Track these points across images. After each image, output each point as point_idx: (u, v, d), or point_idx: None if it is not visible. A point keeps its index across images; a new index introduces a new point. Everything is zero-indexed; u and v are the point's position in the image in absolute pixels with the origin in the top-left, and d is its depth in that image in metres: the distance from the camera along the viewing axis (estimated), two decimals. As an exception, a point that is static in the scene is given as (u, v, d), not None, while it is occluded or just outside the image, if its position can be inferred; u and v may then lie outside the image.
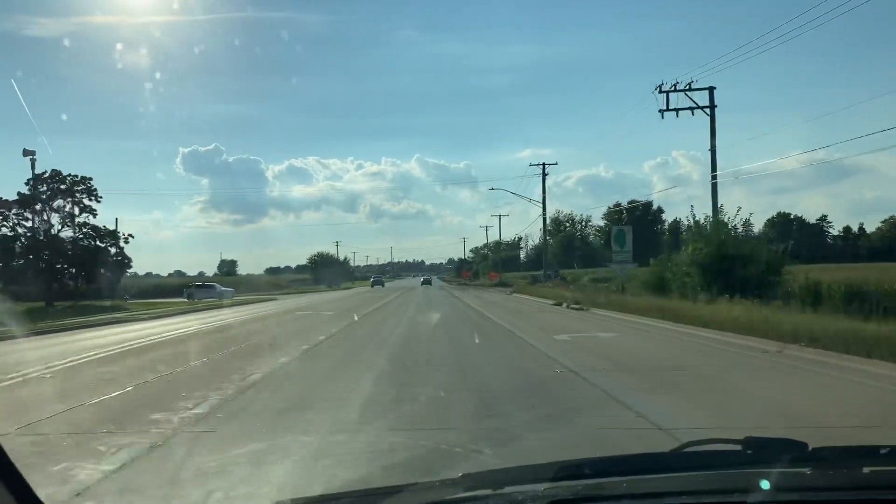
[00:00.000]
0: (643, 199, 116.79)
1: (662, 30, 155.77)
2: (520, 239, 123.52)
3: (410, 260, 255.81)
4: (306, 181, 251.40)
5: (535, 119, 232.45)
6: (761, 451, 1.79)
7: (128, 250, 48.66)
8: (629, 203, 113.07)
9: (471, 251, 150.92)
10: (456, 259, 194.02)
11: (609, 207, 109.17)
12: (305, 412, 7.46)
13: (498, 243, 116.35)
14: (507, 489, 1.69)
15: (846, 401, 7.72)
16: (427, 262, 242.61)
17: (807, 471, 1.67)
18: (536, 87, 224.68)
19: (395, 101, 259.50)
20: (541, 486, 1.66)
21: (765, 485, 1.58)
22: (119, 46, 64.97)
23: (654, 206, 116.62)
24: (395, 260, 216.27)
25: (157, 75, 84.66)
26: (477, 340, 15.33)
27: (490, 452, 5.49)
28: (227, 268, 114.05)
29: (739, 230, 28.99)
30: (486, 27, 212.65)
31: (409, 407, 7.69)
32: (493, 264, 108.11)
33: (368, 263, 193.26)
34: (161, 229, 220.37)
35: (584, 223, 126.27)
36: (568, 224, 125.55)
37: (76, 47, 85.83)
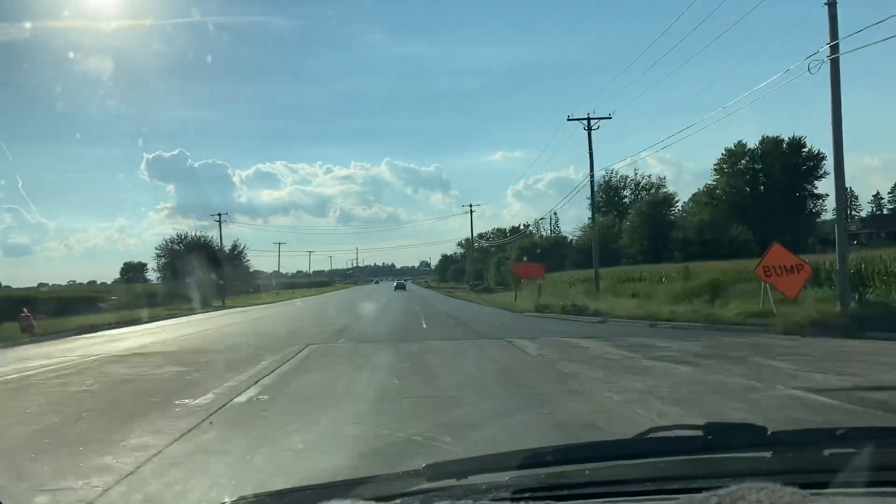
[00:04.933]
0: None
1: (633, 30, 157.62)
2: (527, 225, 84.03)
3: (380, 263, 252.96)
4: (274, 186, 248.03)
5: (505, 121, 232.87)
6: (722, 437, 1.81)
7: (78, 257, 33.58)
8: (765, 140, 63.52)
9: (458, 245, 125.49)
10: (432, 262, 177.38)
11: (728, 149, 64.88)
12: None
13: (515, 229, 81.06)
14: (471, 479, 1.67)
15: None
16: (398, 266, 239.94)
17: (767, 455, 1.69)
18: (506, 89, 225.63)
19: (365, 105, 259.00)
20: (505, 476, 1.65)
21: (726, 470, 1.59)
22: (81, 51, 63.18)
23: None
24: (364, 263, 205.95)
25: (120, 80, 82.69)
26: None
27: None
28: (132, 273, 74.26)
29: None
30: (454, 30, 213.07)
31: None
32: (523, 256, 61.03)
33: (333, 268, 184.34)
34: (126, 237, 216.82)
35: (652, 189, 75.23)
36: (628, 192, 78.22)
37: (36, 52, 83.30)
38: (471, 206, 76.90)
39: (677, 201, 73.47)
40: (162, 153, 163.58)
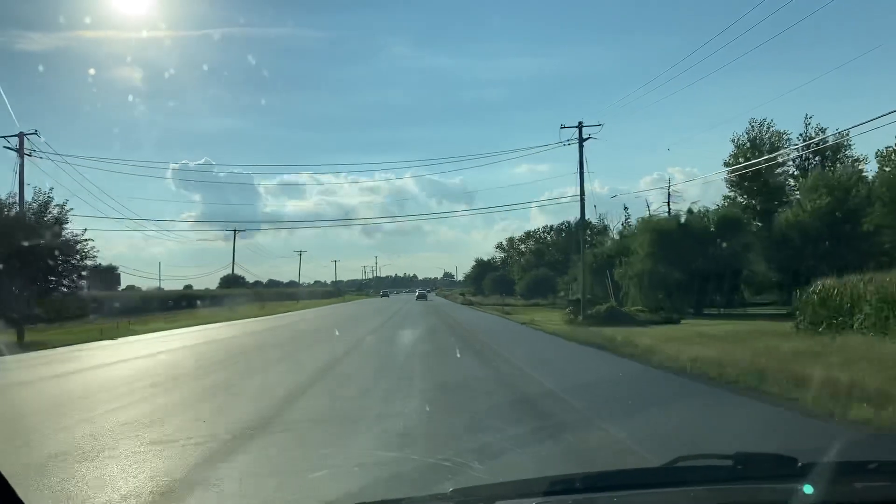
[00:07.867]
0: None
1: (659, 44, 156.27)
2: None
3: (401, 275, 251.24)
4: (299, 196, 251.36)
5: (530, 135, 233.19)
6: (752, 467, 1.78)
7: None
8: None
9: (496, 247, 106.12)
10: (457, 273, 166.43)
11: None
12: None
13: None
14: None
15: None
16: (420, 277, 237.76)
17: (798, 486, 1.67)
18: (532, 102, 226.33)
19: (390, 116, 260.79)
20: (532, 502, 1.65)
21: (756, 501, 1.58)
22: (110, 61, 64.90)
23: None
24: (384, 274, 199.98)
25: (148, 90, 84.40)
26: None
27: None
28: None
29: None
30: (480, 41, 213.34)
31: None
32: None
33: (342, 278, 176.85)
34: (152, 245, 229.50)
35: (828, 152, 43.06)
36: (791, 155, 44.44)
37: (66, 62, 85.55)
38: (580, 125, 34.35)
39: None
40: (188, 162, 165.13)
